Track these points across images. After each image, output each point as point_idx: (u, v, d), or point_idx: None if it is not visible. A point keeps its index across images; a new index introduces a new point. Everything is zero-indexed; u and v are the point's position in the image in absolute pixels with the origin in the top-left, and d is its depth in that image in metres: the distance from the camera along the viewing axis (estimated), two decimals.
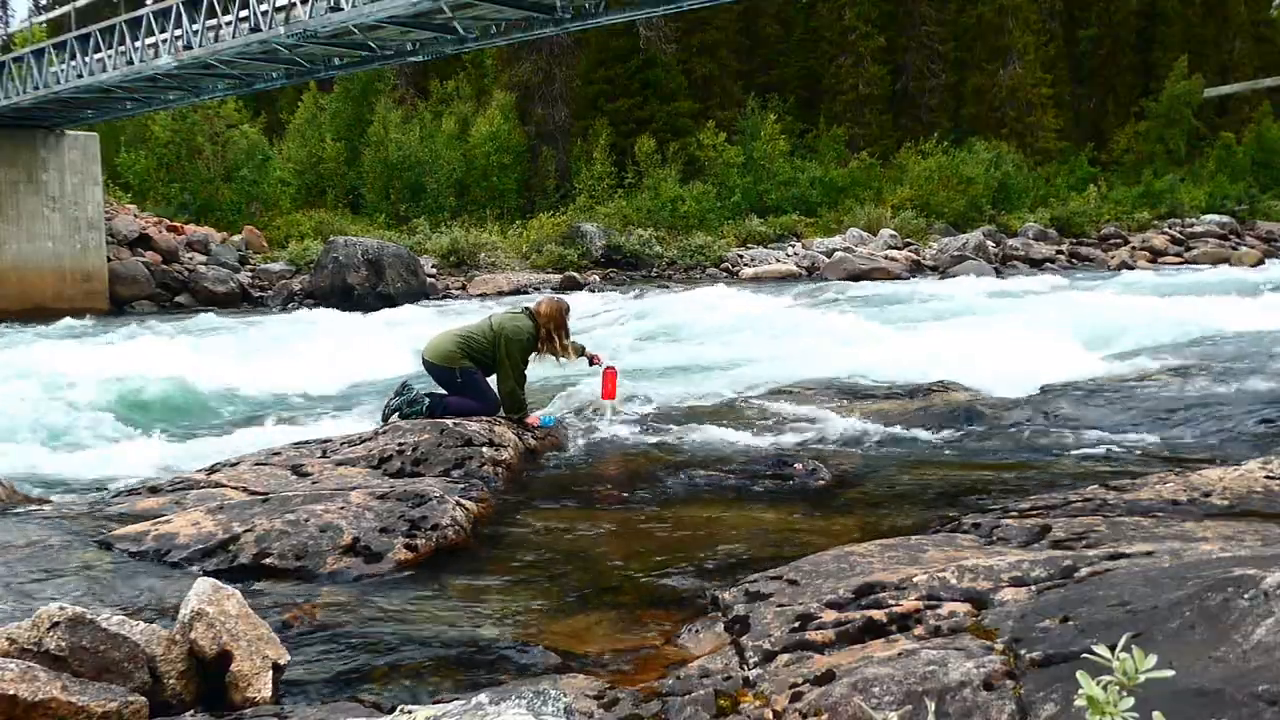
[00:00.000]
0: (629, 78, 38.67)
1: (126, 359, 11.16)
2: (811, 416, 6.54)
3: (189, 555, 3.55)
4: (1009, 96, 43.52)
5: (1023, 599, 2.49)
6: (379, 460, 4.96)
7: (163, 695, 2.33)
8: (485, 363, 6.08)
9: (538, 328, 6.09)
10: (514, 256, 28.68)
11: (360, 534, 3.69)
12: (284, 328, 16.17)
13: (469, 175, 35.71)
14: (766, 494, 4.72)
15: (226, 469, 4.88)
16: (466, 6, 15.42)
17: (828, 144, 40.02)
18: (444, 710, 1.83)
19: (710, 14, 37.83)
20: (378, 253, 22.76)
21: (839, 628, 2.50)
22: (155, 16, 18.77)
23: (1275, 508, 3.43)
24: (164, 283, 24.00)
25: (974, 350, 9.52)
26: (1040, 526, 3.30)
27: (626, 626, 3.00)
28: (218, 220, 29.46)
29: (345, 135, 36.38)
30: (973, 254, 28.81)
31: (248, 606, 2.48)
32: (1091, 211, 37.06)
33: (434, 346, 6.12)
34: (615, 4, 15.59)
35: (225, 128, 31.86)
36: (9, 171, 23.32)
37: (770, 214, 34.68)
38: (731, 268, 29.63)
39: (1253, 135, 45.55)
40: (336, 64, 19.51)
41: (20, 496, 4.73)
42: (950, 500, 4.45)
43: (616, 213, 32.47)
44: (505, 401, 6.07)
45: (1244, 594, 2.05)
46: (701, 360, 10.65)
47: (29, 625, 2.31)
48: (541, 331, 6.09)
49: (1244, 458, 4.47)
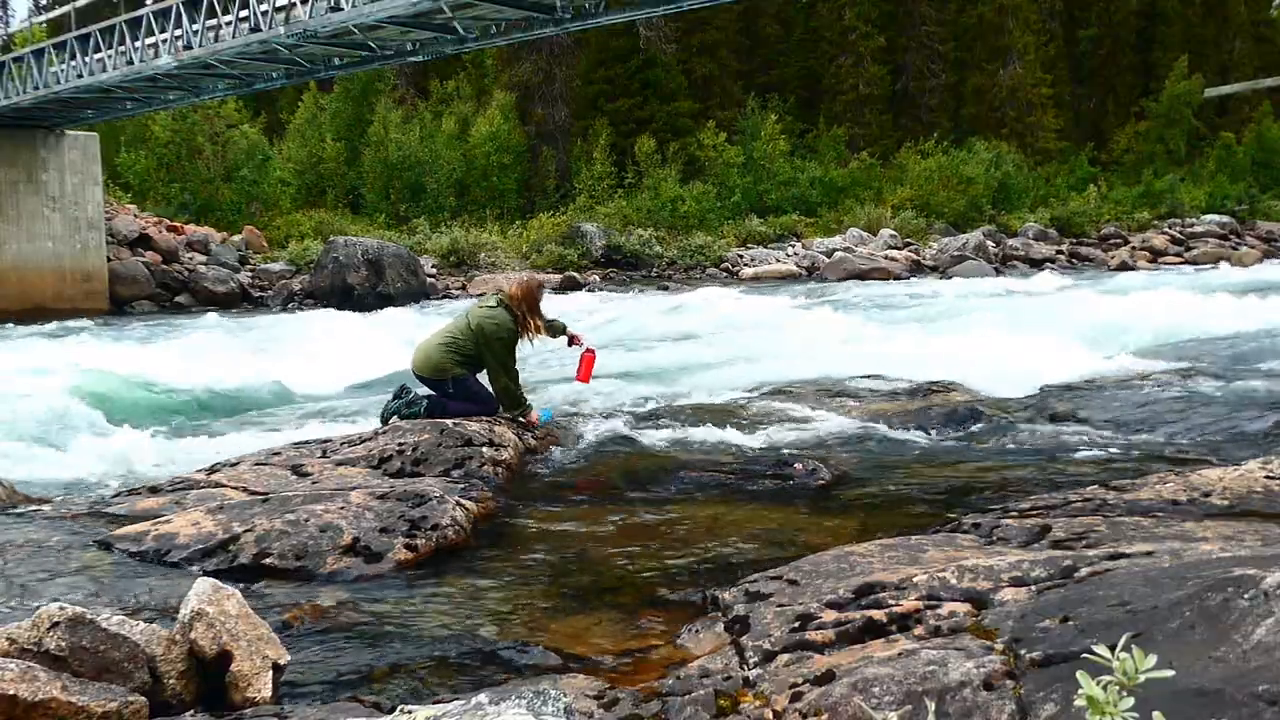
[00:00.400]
0: (629, 78, 38.68)
1: (126, 359, 11.16)
2: (811, 416, 6.54)
3: (189, 555, 3.55)
4: (1009, 96, 43.52)
5: (1023, 599, 2.49)
6: (379, 460, 4.96)
7: (163, 695, 2.33)
8: (475, 364, 5.97)
9: (514, 315, 5.92)
10: (514, 256, 28.69)
11: (360, 534, 3.69)
12: (284, 328, 16.17)
13: (469, 175, 35.72)
14: (766, 494, 4.72)
15: (226, 469, 4.88)
16: (466, 6, 15.42)
17: (828, 144, 40.03)
18: (444, 710, 1.83)
19: (710, 14, 37.83)
20: (378, 253, 22.77)
21: (839, 628, 2.50)
22: (155, 16, 18.77)
23: (1275, 508, 3.43)
24: (164, 283, 24.00)
25: (974, 350, 9.53)
26: (1040, 526, 3.30)
27: (626, 626, 3.00)
28: (218, 220, 29.46)
29: (345, 135, 36.39)
30: (973, 254, 28.82)
31: (248, 606, 2.48)
32: (1091, 211, 37.07)
33: (422, 358, 5.97)
34: (615, 4, 15.59)
35: (225, 128, 31.87)
36: (9, 171, 23.32)
37: (770, 214, 34.69)
38: (731, 268, 29.63)
39: (1253, 135, 45.56)
40: (336, 64, 19.52)
41: (20, 496, 4.74)
42: (950, 500, 4.45)
43: (616, 213, 32.47)
44: (502, 399, 5.98)
45: (1244, 594, 2.05)
46: (701, 360, 10.65)
47: (29, 625, 2.31)
48: (518, 316, 5.92)
49: (1244, 458, 4.47)
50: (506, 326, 5.89)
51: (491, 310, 5.95)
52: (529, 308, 5.97)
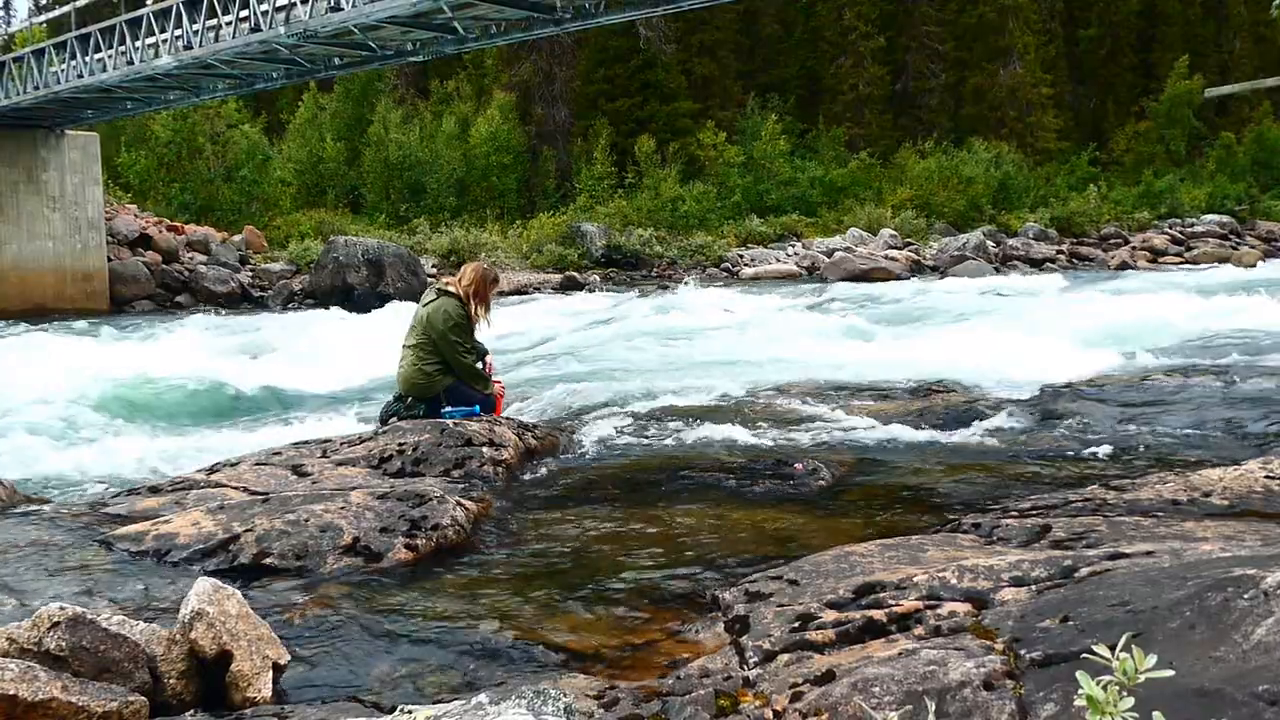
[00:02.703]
0: (629, 78, 38.70)
1: (126, 359, 11.16)
2: (811, 416, 6.54)
3: (189, 555, 3.55)
4: (1009, 96, 43.54)
5: (1023, 599, 2.49)
6: (379, 460, 4.96)
7: (163, 695, 2.33)
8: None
9: (460, 300, 5.94)
10: (514, 256, 28.71)
11: (360, 534, 3.69)
12: (284, 328, 16.17)
13: (469, 175, 35.74)
14: (766, 494, 4.72)
15: (226, 469, 4.88)
16: (466, 6, 15.43)
17: (828, 144, 40.05)
18: (444, 710, 1.83)
19: (710, 14, 37.87)
20: (378, 253, 22.78)
21: (839, 627, 2.50)
22: (155, 16, 18.78)
23: (1275, 508, 3.43)
24: (164, 283, 24.01)
25: (974, 350, 9.53)
26: (1040, 526, 3.30)
27: (626, 626, 3.00)
28: (218, 220, 29.48)
29: (345, 135, 36.41)
30: (973, 254, 28.83)
31: (248, 606, 2.48)
32: (1092, 211, 37.08)
33: (407, 380, 5.99)
34: (615, 4, 15.59)
35: (226, 128, 31.89)
36: (9, 171, 23.33)
37: (770, 214, 34.71)
38: (732, 268, 29.64)
39: (1253, 135, 45.58)
40: (337, 64, 19.53)
41: (20, 496, 4.73)
42: (950, 500, 4.45)
43: (616, 213, 32.49)
44: (465, 376, 5.98)
45: (1244, 594, 2.05)
46: (701, 360, 10.64)
47: (29, 625, 2.31)
48: (463, 300, 5.93)
49: (1244, 458, 4.47)
50: (456, 314, 5.91)
51: (438, 304, 5.98)
52: (474, 293, 5.98)
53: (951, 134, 41.01)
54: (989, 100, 43.90)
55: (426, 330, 5.94)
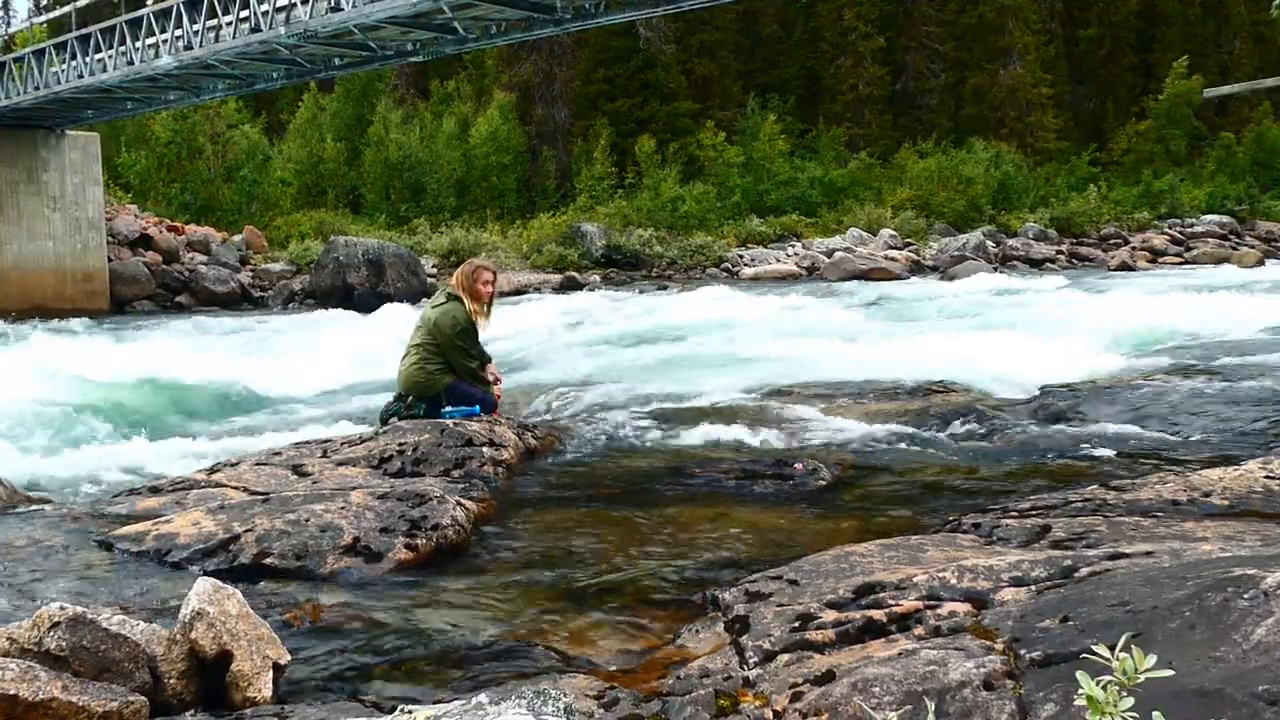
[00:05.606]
0: (629, 78, 38.71)
1: (126, 359, 11.16)
2: (811, 416, 6.54)
3: (189, 555, 3.55)
4: (1009, 96, 43.54)
5: (1023, 599, 2.49)
6: (379, 460, 4.96)
7: (163, 695, 2.33)
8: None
9: (463, 302, 6.06)
10: (514, 257, 28.71)
11: (361, 534, 3.69)
12: (284, 328, 16.17)
13: (469, 175, 35.74)
14: (766, 494, 4.72)
15: (227, 469, 4.88)
16: (466, 6, 15.43)
17: (828, 144, 40.05)
18: (444, 710, 1.83)
19: (710, 14, 37.86)
20: (378, 253, 22.78)
21: (839, 627, 2.50)
22: (156, 17, 18.78)
23: (1275, 508, 3.43)
24: (164, 283, 24.00)
25: (974, 350, 9.52)
26: (1040, 526, 3.30)
27: (626, 626, 3.00)
28: (218, 220, 29.47)
29: (345, 135, 36.42)
30: (973, 254, 28.83)
31: (248, 606, 2.48)
32: (1091, 211, 37.06)
33: (408, 379, 6.04)
34: (615, 4, 15.59)
35: (226, 128, 31.88)
36: (9, 171, 23.33)
37: (770, 214, 34.70)
38: (731, 268, 29.63)
39: (1253, 135, 45.57)
40: (337, 64, 19.52)
41: (20, 496, 4.74)
42: (950, 500, 4.45)
43: (616, 213, 32.49)
44: (467, 376, 6.06)
45: (1244, 594, 2.05)
46: (701, 360, 10.63)
47: (29, 625, 2.31)
48: (465, 301, 6.04)
49: (1244, 458, 4.47)
50: (464, 318, 6.01)
51: (445, 307, 6.07)
52: (463, 288, 6.07)
53: (951, 134, 41.01)
54: (989, 100, 43.90)
55: (433, 332, 6.00)
